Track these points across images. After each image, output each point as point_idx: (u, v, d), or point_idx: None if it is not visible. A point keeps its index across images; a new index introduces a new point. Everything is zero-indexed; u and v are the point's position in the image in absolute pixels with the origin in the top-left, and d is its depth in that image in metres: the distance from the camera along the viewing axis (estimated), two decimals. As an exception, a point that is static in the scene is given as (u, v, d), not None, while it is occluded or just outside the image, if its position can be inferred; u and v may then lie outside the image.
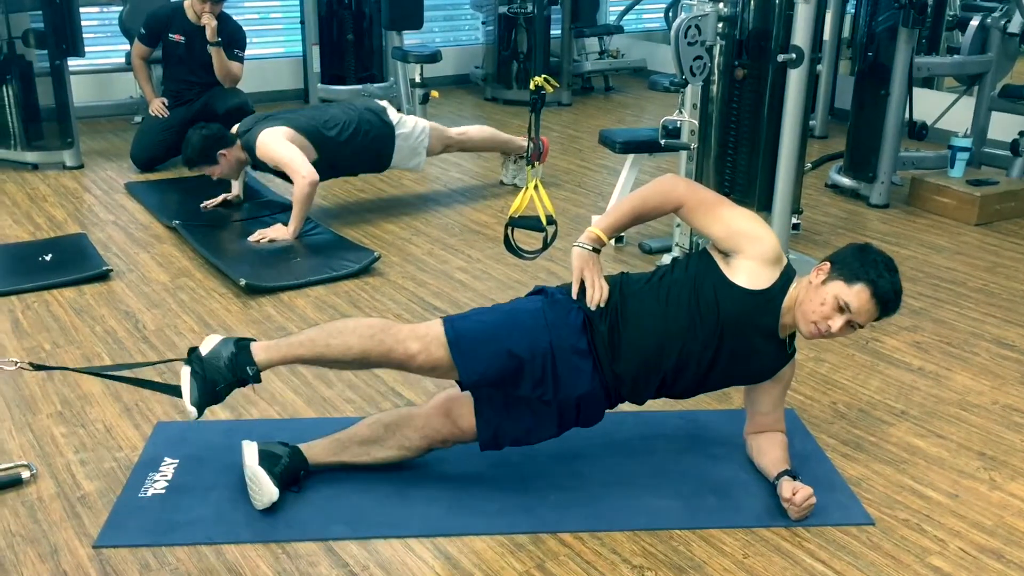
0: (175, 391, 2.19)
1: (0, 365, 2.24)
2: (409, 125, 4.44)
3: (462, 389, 2.26)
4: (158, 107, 5.14)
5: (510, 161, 4.91)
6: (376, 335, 2.16)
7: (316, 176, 3.99)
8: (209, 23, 4.91)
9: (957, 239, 4.25)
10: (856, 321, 2.16)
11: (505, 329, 2.21)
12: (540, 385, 2.19)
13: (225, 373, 2.15)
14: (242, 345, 2.19)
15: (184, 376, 2.17)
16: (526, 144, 4.72)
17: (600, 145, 4.41)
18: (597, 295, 2.23)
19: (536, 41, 6.73)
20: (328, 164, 4.21)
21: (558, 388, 2.20)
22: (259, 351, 2.19)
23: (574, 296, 2.25)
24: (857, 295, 2.14)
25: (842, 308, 2.15)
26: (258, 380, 2.19)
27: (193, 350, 2.22)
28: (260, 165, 4.17)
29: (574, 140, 5.88)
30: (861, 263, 2.17)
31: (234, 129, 4.21)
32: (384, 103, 4.48)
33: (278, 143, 4.04)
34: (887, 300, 2.16)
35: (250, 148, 4.11)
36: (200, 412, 2.16)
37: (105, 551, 2.11)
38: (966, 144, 4.65)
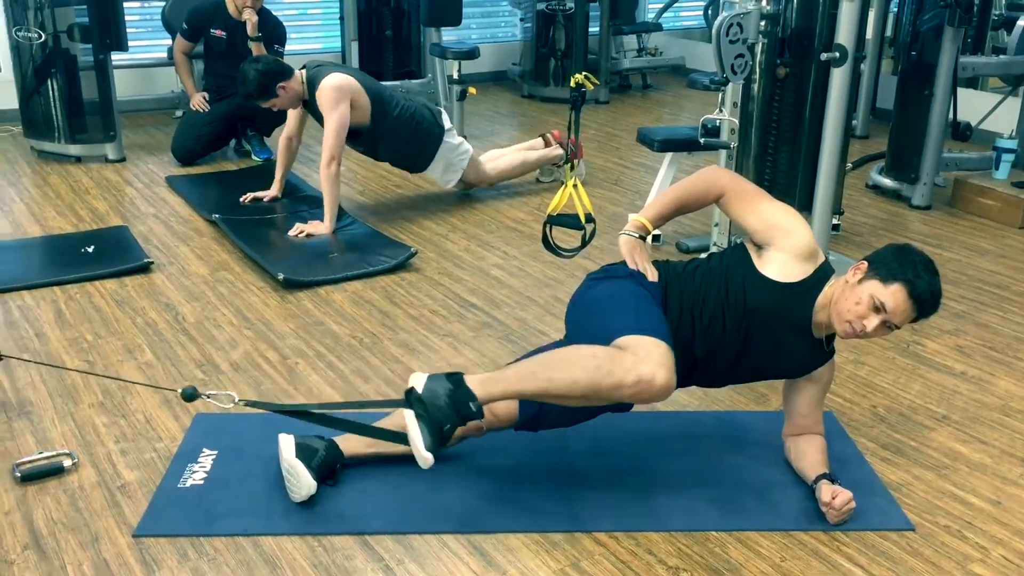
0: (402, 438, 2.06)
1: (217, 402, 2.14)
2: (457, 139, 4.46)
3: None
4: (199, 102, 5.19)
5: (547, 171, 4.90)
6: (603, 366, 1.99)
7: (339, 160, 3.98)
8: (250, 19, 4.96)
9: (1001, 242, 4.18)
10: (892, 321, 2.14)
11: (663, 316, 2.19)
12: None
13: (448, 412, 1.99)
14: (456, 380, 2.04)
15: (411, 421, 2.01)
16: (561, 152, 4.73)
17: (638, 143, 4.39)
18: (651, 278, 2.27)
19: (575, 38, 6.72)
20: (374, 137, 4.20)
21: None
22: (476, 386, 2.03)
23: None
24: (893, 295, 2.11)
25: (878, 308, 2.12)
26: (482, 416, 2.04)
27: (410, 392, 2.04)
28: (312, 105, 4.10)
29: (612, 138, 5.86)
30: (899, 263, 2.14)
31: (302, 65, 4.17)
32: (442, 108, 4.49)
33: (338, 100, 3.97)
34: (924, 301, 2.13)
35: (313, 84, 4.04)
36: (435, 458, 1.99)
37: (145, 540, 2.13)
38: (1011, 145, 4.57)
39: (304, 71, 4.11)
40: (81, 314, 3.28)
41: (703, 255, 3.81)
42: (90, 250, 3.83)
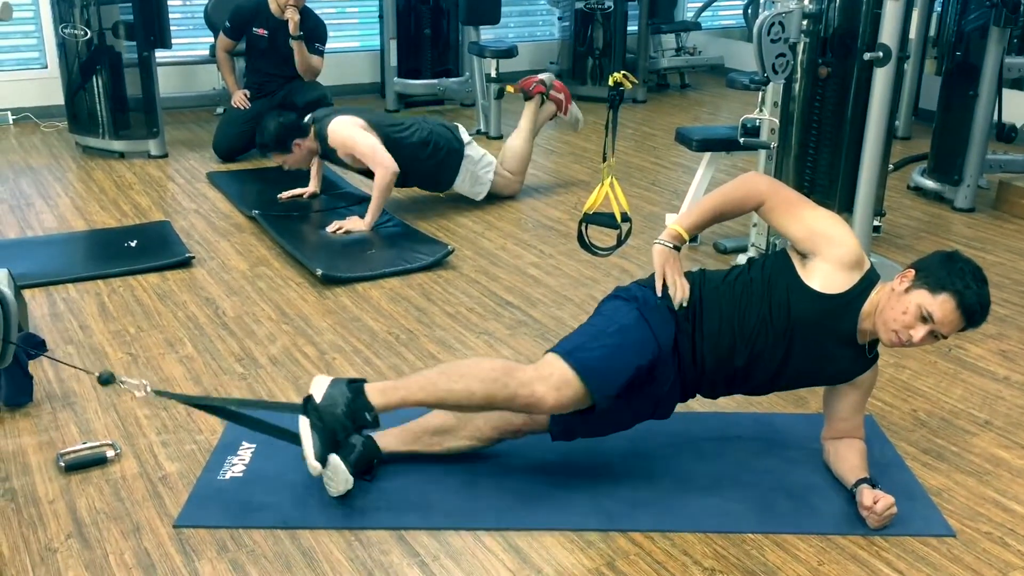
0: (296, 440, 2.13)
1: (130, 388, 2.25)
2: (478, 152, 4.45)
3: (594, 413, 2.18)
4: (240, 99, 5.25)
5: (558, 121, 4.90)
6: (499, 379, 2.08)
7: (396, 167, 4.02)
8: (292, 17, 4.99)
9: (1046, 245, 4.11)
10: (939, 331, 2.10)
11: (626, 348, 2.17)
12: (642, 384, 2.19)
13: (344, 421, 2.08)
14: (356, 389, 2.12)
15: (304, 429, 2.10)
16: (551, 105, 4.73)
17: (675, 143, 4.37)
18: (680, 294, 2.23)
19: (613, 37, 6.70)
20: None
21: (651, 384, 2.20)
22: (375, 395, 2.11)
23: (659, 294, 2.25)
24: (941, 305, 2.08)
25: (925, 318, 2.09)
26: (377, 426, 2.13)
27: (308, 400, 2.13)
28: (329, 154, 4.18)
29: (649, 137, 5.84)
30: (948, 272, 2.10)
31: (306, 119, 4.25)
32: (458, 124, 4.49)
33: (353, 131, 4.06)
34: (973, 312, 2.09)
35: (322, 136, 4.13)
36: (324, 466, 2.11)
37: (185, 531, 2.16)
38: (1058, 147, 4.49)
39: (313, 126, 4.17)
40: (124, 307, 3.33)
41: (742, 257, 3.81)
42: (133, 244, 3.89)
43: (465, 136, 4.43)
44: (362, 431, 2.13)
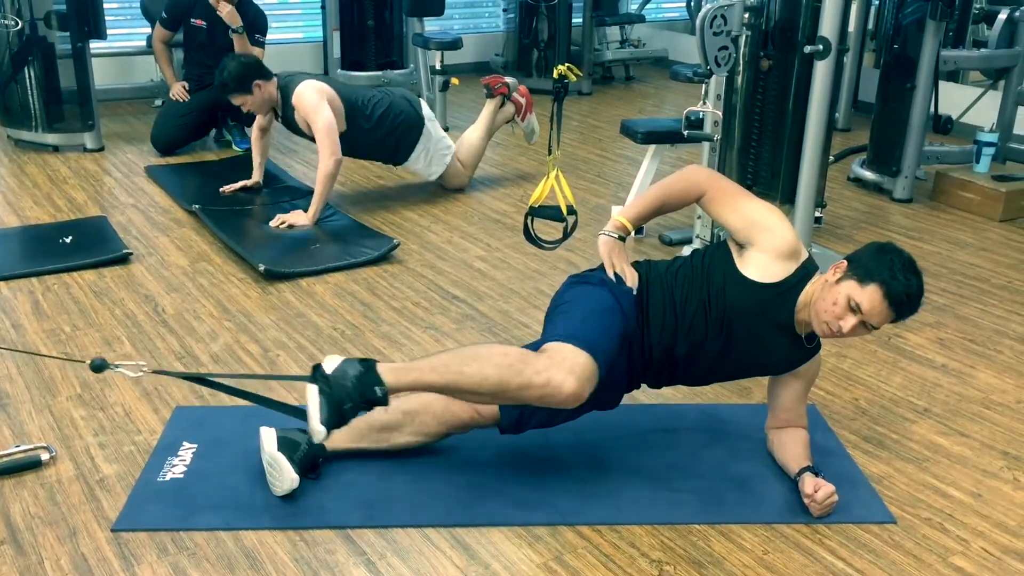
0: (298, 412, 2.07)
1: (127, 371, 2.15)
2: (438, 131, 4.43)
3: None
4: (179, 91, 5.14)
5: (514, 125, 4.88)
6: (514, 364, 2.00)
7: (340, 155, 3.98)
8: (223, 9, 4.84)
9: (981, 235, 4.20)
10: (869, 322, 2.13)
11: (613, 326, 2.17)
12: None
13: (352, 393, 1.99)
14: (368, 365, 2.03)
15: (312, 395, 2.00)
16: (511, 107, 4.73)
17: (620, 135, 4.38)
18: (629, 281, 2.25)
19: (558, 29, 6.70)
20: (351, 140, 4.19)
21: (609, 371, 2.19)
22: (386, 373, 2.02)
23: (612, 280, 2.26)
24: (869, 296, 2.09)
25: (854, 308, 2.11)
26: (386, 403, 2.04)
27: (317, 368, 2.05)
28: (288, 114, 4.10)
29: (594, 129, 5.85)
30: (877, 263, 2.12)
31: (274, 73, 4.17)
32: (422, 99, 4.45)
33: (319, 103, 3.98)
34: (900, 303, 2.10)
35: (286, 93, 4.05)
36: (328, 433, 2.00)
37: (123, 534, 2.11)
38: (992, 139, 4.59)
39: (278, 79, 4.09)
40: (59, 305, 3.24)
41: (686, 250, 3.83)
42: (68, 241, 3.79)
43: (427, 112, 4.40)
44: (372, 406, 2.05)
